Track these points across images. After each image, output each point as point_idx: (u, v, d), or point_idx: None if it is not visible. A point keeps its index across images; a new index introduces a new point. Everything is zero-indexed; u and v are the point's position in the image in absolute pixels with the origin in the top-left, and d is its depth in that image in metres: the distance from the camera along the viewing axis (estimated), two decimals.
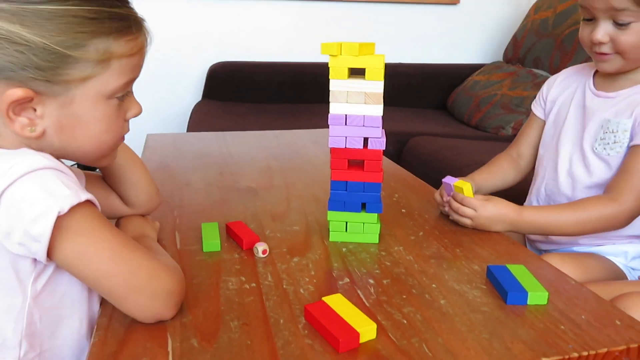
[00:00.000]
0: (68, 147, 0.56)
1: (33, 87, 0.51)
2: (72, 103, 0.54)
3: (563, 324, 0.58)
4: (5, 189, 0.49)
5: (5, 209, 0.49)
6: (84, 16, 0.51)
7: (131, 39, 0.55)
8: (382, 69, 0.71)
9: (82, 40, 0.51)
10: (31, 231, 0.49)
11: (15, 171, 0.49)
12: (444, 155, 1.67)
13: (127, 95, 0.59)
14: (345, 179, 0.76)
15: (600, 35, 0.87)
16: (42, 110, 0.53)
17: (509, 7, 2.69)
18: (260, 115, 2.18)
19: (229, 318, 0.58)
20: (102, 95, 0.55)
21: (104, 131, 0.57)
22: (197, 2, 2.39)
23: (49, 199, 0.49)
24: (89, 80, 0.53)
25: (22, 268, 0.53)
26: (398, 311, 0.60)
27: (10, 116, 0.51)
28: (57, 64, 0.51)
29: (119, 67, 0.55)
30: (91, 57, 0.52)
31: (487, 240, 0.80)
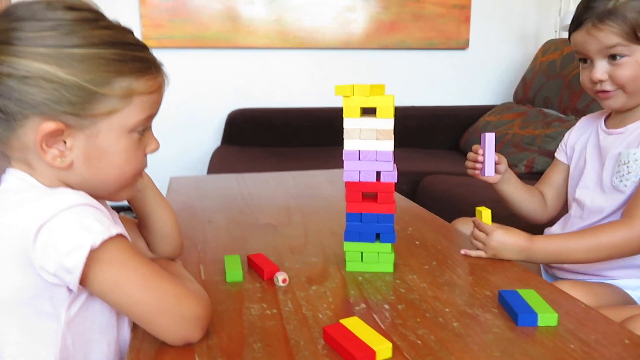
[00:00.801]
0: (93, 177, 0.61)
1: (64, 121, 0.57)
2: (98, 135, 0.59)
3: (573, 344, 0.60)
4: (43, 224, 0.53)
5: (43, 242, 0.54)
6: (110, 58, 0.57)
7: (150, 79, 0.61)
8: (392, 108, 0.76)
9: (108, 79, 0.57)
10: (65, 264, 0.54)
11: (54, 207, 0.54)
12: (457, 192, 1.71)
13: (147, 131, 0.65)
14: (359, 210, 0.80)
15: (599, 74, 0.92)
16: (71, 142, 0.58)
17: (517, 50, 2.78)
18: (278, 158, 2.25)
19: (252, 340, 0.62)
20: (125, 129, 0.60)
21: (125, 162, 0.62)
22: (216, 53, 2.52)
23: (82, 234, 0.54)
24: (113, 115, 0.59)
25: (58, 295, 0.57)
26: (412, 333, 0.63)
27: (43, 147, 0.57)
28: (86, 100, 0.57)
29: (140, 103, 0.61)
30: (116, 94, 0.58)
31: (499, 269, 0.83)
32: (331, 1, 2.57)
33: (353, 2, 2.59)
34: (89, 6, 0.59)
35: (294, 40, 2.57)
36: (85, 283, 0.56)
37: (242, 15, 2.50)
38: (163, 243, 0.79)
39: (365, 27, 2.62)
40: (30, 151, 0.58)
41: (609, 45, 0.89)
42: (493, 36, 2.74)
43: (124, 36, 0.60)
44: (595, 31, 0.90)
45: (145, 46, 0.62)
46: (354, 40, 2.63)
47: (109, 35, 0.58)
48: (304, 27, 2.57)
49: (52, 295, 0.57)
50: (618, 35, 0.88)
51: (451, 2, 2.65)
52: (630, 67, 0.90)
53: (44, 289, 0.56)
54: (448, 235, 1.00)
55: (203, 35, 2.47)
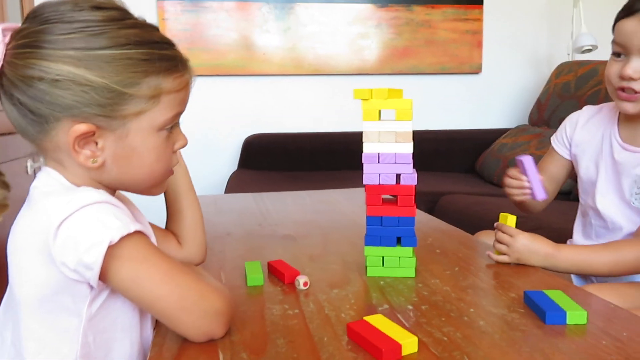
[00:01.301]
0: (124, 176, 0.63)
1: (95, 123, 0.58)
2: (128, 136, 0.60)
3: (604, 340, 0.59)
4: (63, 220, 0.54)
5: (63, 239, 0.54)
6: (137, 58, 0.58)
7: (178, 76, 0.62)
8: (411, 110, 0.77)
9: (136, 79, 0.58)
10: (84, 259, 0.54)
11: (73, 205, 0.55)
12: (475, 210, 1.69)
13: (175, 127, 0.66)
14: (380, 214, 0.80)
15: (632, 70, 0.88)
16: (102, 143, 0.59)
17: (529, 74, 2.80)
18: (293, 182, 2.26)
19: (275, 337, 0.61)
20: (153, 128, 0.61)
21: (154, 161, 0.63)
22: (233, 80, 2.58)
23: (101, 230, 0.54)
24: (142, 115, 0.60)
25: (79, 292, 0.58)
26: (438, 330, 0.62)
27: (75, 149, 0.58)
28: (115, 101, 0.58)
29: (167, 101, 0.61)
30: (144, 94, 0.59)
31: (522, 273, 0.82)
32: (344, 29, 2.62)
33: (366, 29, 2.64)
34: (115, 4, 0.60)
35: (308, 67, 2.62)
36: (106, 279, 0.57)
37: (258, 43, 2.56)
38: (191, 234, 0.80)
39: (379, 53, 2.66)
40: (63, 151, 0.60)
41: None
42: (505, 60, 2.76)
43: (150, 34, 0.61)
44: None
45: (171, 43, 0.63)
46: (368, 66, 2.67)
47: (136, 34, 0.59)
48: (318, 55, 2.62)
49: (74, 291, 0.57)
50: None
51: (463, 28, 2.69)
52: None
53: (66, 285, 0.57)
54: (468, 244, 0.99)
55: (220, 63, 2.53)
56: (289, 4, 2.57)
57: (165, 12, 2.47)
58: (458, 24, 2.69)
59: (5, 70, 0.57)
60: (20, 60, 0.56)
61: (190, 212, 0.81)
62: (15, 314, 0.60)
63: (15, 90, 0.56)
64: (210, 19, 2.51)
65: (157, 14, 2.46)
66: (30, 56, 0.56)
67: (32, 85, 0.56)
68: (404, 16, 2.65)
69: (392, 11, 2.64)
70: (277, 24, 2.57)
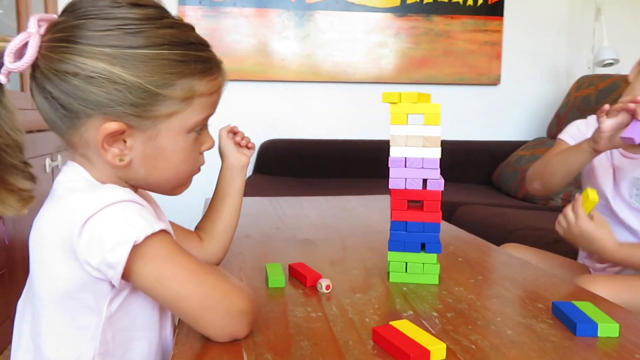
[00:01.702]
0: (150, 176, 0.62)
1: (126, 121, 0.57)
2: (158, 136, 0.60)
3: (638, 354, 0.57)
4: (89, 218, 0.53)
5: (88, 237, 0.53)
6: (173, 59, 0.57)
7: (212, 79, 0.62)
8: (439, 115, 0.76)
9: (170, 81, 0.57)
10: (108, 259, 0.53)
11: (99, 203, 0.54)
12: (493, 221, 1.67)
13: (203, 130, 0.65)
14: (405, 219, 0.79)
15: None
16: (131, 142, 0.59)
17: (548, 86, 2.78)
18: (308, 188, 2.26)
19: (299, 339, 0.60)
20: (184, 130, 0.61)
21: (182, 162, 0.63)
22: (250, 85, 2.59)
23: (126, 230, 0.54)
24: (174, 116, 0.59)
25: (100, 290, 0.57)
26: (465, 338, 0.61)
27: (104, 147, 0.58)
28: (148, 101, 0.57)
29: (200, 104, 0.61)
30: (177, 96, 0.58)
31: (549, 284, 0.80)
32: (363, 37, 2.63)
33: (384, 38, 2.64)
34: (153, 2, 0.59)
35: (326, 74, 2.63)
36: (130, 278, 0.56)
37: (276, 49, 2.58)
38: (221, 235, 0.81)
39: (397, 62, 2.66)
40: (91, 148, 0.59)
41: None
42: (525, 72, 2.75)
43: (187, 35, 0.60)
44: None
45: (207, 44, 0.63)
46: (385, 75, 2.66)
47: (173, 35, 0.58)
48: (336, 62, 2.62)
49: (95, 289, 0.57)
50: None
51: (482, 39, 2.68)
52: None
53: (88, 283, 0.56)
54: (491, 254, 0.97)
55: (238, 68, 2.55)
56: (309, 12, 2.58)
57: (186, 16, 2.49)
58: (477, 35, 2.68)
59: (39, 62, 0.56)
60: (55, 54, 0.56)
61: (228, 215, 0.83)
62: (35, 308, 0.60)
63: (48, 83, 0.56)
64: (229, 24, 2.53)
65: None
66: (66, 51, 0.55)
67: (66, 80, 0.55)
68: (423, 26, 2.65)
69: (411, 21, 2.64)
70: (296, 31, 2.58)
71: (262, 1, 2.54)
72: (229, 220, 0.83)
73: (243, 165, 0.86)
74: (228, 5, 2.52)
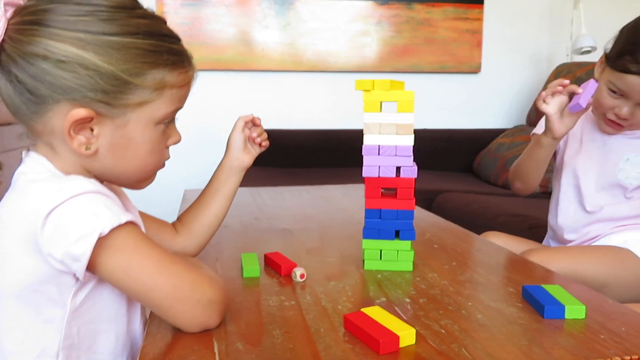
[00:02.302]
0: (115, 167, 0.62)
1: (95, 109, 0.56)
2: (127, 126, 0.59)
3: (603, 334, 0.58)
4: (52, 209, 0.52)
5: (51, 229, 0.52)
6: (145, 49, 0.57)
7: (183, 72, 0.62)
8: (412, 102, 0.76)
9: (142, 70, 0.57)
10: (73, 251, 0.52)
11: (64, 194, 0.53)
12: (473, 208, 1.69)
13: (171, 123, 0.65)
14: (379, 207, 0.80)
15: (627, 113, 1.00)
16: (98, 130, 0.58)
17: (529, 74, 2.80)
18: (291, 178, 2.25)
19: (271, 328, 0.60)
20: (152, 121, 0.61)
21: (148, 154, 0.63)
22: (231, 75, 2.56)
23: (91, 221, 0.53)
24: (144, 106, 0.59)
25: (64, 282, 0.56)
26: (436, 323, 0.61)
27: (71, 134, 0.57)
28: (119, 89, 0.57)
29: (170, 96, 0.61)
30: (149, 85, 0.58)
31: (522, 270, 0.81)
32: (344, 26, 2.62)
33: (366, 27, 2.63)
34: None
35: (307, 63, 2.61)
36: (96, 270, 0.55)
37: (257, 39, 2.55)
38: (201, 231, 0.81)
39: (379, 50, 2.66)
40: (56, 136, 0.58)
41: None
42: (505, 60, 2.76)
43: (159, 26, 0.60)
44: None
45: (178, 38, 0.62)
46: (368, 63, 2.66)
47: (146, 24, 0.58)
48: (318, 51, 2.61)
49: (59, 282, 0.56)
50: None
51: (463, 27, 2.69)
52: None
53: (51, 276, 0.55)
54: (467, 240, 0.98)
55: (219, 58, 2.52)
56: (289, 0, 2.56)
57: (164, 5, 2.46)
58: (458, 23, 2.68)
59: (5, 45, 0.55)
60: (24, 36, 0.54)
61: (215, 213, 0.82)
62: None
63: (14, 66, 0.55)
64: (209, 13, 2.50)
65: (157, 7, 2.44)
66: (36, 34, 0.54)
67: (34, 63, 0.54)
68: (405, 14, 2.65)
69: (392, 9, 2.63)
70: (276, 19, 2.56)
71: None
72: (213, 218, 0.82)
73: (244, 167, 0.86)
74: None
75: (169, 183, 2.60)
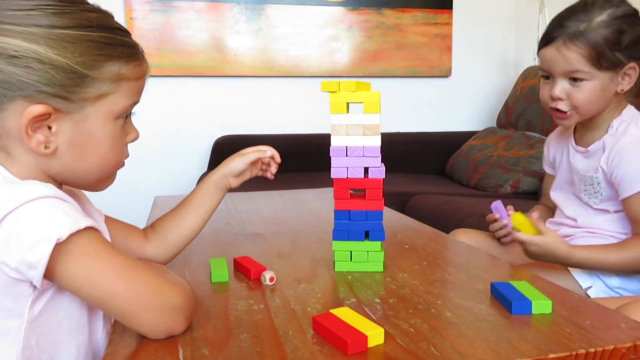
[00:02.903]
0: (76, 165, 0.60)
1: (52, 105, 0.55)
2: (86, 121, 0.58)
3: (569, 328, 0.59)
4: (6, 215, 0.50)
5: (5, 235, 0.50)
6: (100, 41, 0.57)
7: (138, 65, 0.62)
8: (379, 103, 0.76)
9: (98, 62, 0.57)
10: (28, 258, 0.50)
11: (18, 199, 0.51)
12: (445, 209, 1.70)
13: (128, 120, 0.64)
14: (348, 208, 0.79)
15: (558, 91, 0.97)
16: (57, 127, 0.57)
17: (497, 77, 2.85)
18: (263, 182, 2.23)
19: (238, 332, 0.59)
20: (112, 115, 0.60)
21: (109, 149, 0.62)
22: (203, 81, 2.54)
23: (48, 227, 0.51)
24: (102, 99, 0.58)
25: (20, 291, 0.54)
26: (405, 322, 0.61)
27: (28, 132, 0.55)
28: (76, 83, 0.56)
29: (127, 88, 0.61)
30: (105, 78, 0.58)
31: (491, 268, 0.82)
32: (316, 31, 2.62)
33: (337, 32, 2.64)
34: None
35: (280, 68, 2.61)
36: (55, 278, 0.53)
37: (229, 44, 2.54)
38: (171, 243, 0.79)
39: (350, 55, 2.67)
40: (11, 137, 0.56)
41: (573, 68, 0.94)
42: (474, 64, 2.80)
43: (110, 21, 0.60)
44: (565, 49, 0.94)
45: (129, 32, 0.63)
46: (339, 68, 2.67)
47: (97, 18, 0.58)
48: (290, 56, 2.61)
49: (15, 291, 0.53)
50: (583, 57, 0.93)
51: (433, 32, 2.72)
52: (586, 91, 0.95)
53: (6, 285, 0.53)
54: (437, 240, 0.99)
55: (190, 63, 2.49)
56: (260, 5, 2.55)
57: (133, 11, 2.42)
58: (428, 28, 2.72)
59: None
60: None
61: (191, 226, 0.81)
62: None
63: None
64: (180, 19, 2.47)
65: (125, 13, 2.41)
66: None
67: None
68: (375, 19, 2.67)
69: (363, 14, 2.65)
70: (248, 25, 2.55)
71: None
72: (189, 231, 0.80)
73: (229, 188, 0.85)
74: (177, 0, 2.46)
75: (139, 189, 2.56)
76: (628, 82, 0.96)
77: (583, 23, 0.93)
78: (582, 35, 0.93)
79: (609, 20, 0.93)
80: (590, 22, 0.93)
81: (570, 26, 0.94)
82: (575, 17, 0.94)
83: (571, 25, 0.94)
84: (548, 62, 0.98)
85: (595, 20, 0.93)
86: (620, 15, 0.93)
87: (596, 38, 0.92)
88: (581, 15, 0.94)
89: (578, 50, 0.93)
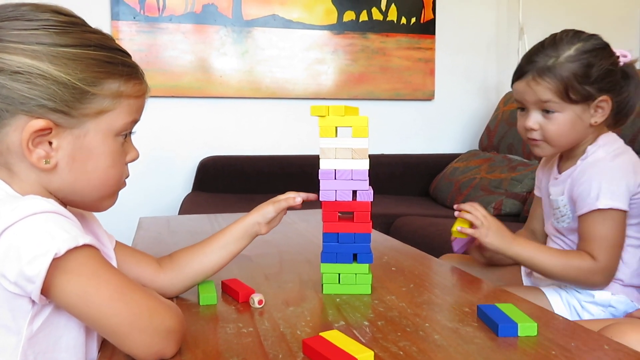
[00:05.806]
0: (77, 181, 0.60)
1: (53, 120, 0.57)
2: (86, 136, 0.59)
3: (554, 350, 0.60)
4: (6, 229, 0.51)
5: (4, 249, 0.51)
6: (101, 60, 0.59)
7: (137, 83, 0.63)
8: (367, 127, 0.78)
9: (99, 79, 0.59)
10: (26, 272, 0.50)
11: (18, 213, 0.52)
12: (429, 231, 1.72)
13: (128, 137, 0.65)
14: (336, 230, 0.80)
15: (531, 123, 1.00)
16: (58, 142, 0.58)
17: (479, 101, 2.91)
18: (248, 204, 2.22)
19: (228, 355, 0.59)
20: (112, 131, 0.61)
21: (110, 166, 0.62)
22: (189, 102, 2.55)
23: (46, 242, 0.51)
24: (102, 115, 0.60)
25: (19, 307, 0.53)
26: (394, 345, 0.62)
27: (29, 147, 0.56)
28: (77, 98, 0.57)
29: (127, 105, 0.62)
30: (106, 94, 0.59)
31: (477, 290, 0.83)
32: (301, 54, 2.66)
33: (323, 55, 2.68)
34: (74, 13, 0.61)
35: (265, 90, 2.63)
36: (50, 294, 0.53)
37: (215, 66, 2.56)
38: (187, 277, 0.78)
39: (335, 78, 2.70)
40: (13, 153, 0.57)
41: (543, 99, 0.97)
42: (457, 88, 2.86)
43: (110, 42, 0.62)
44: (534, 84, 0.97)
45: (129, 54, 0.64)
46: (324, 91, 2.70)
47: (98, 39, 0.60)
48: (275, 78, 2.63)
49: (13, 306, 0.53)
50: (552, 91, 0.96)
51: (416, 56, 2.78)
52: (558, 123, 0.98)
53: (5, 300, 0.53)
54: (424, 262, 1.00)
55: (176, 84, 2.50)
56: (247, 28, 2.58)
57: (119, 32, 2.43)
58: (411, 52, 2.77)
59: None
60: None
61: (212, 263, 0.80)
62: None
63: None
64: (166, 40, 2.49)
65: (112, 34, 2.41)
66: None
67: None
68: (360, 43, 2.71)
69: (348, 38, 2.70)
70: (234, 47, 2.58)
71: (199, 17, 2.52)
72: (206, 269, 0.80)
73: (257, 235, 0.85)
74: (164, 22, 2.48)
75: (123, 210, 2.51)
76: (601, 114, 0.97)
77: (551, 58, 0.96)
78: (550, 70, 0.95)
79: (576, 55, 0.95)
80: (558, 57, 0.95)
81: (539, 61, 0.96)
82: (544, 53, 0.97)
83: (540, 60, 0.97)
84: (521, 94, 1.01)
85: (563, 55, 0.95)
86: (589, 49, 0.96)
87: (563, 72, 0.94)
88: (549, 50, 0.97)
89: (547, 85, 0.95)
